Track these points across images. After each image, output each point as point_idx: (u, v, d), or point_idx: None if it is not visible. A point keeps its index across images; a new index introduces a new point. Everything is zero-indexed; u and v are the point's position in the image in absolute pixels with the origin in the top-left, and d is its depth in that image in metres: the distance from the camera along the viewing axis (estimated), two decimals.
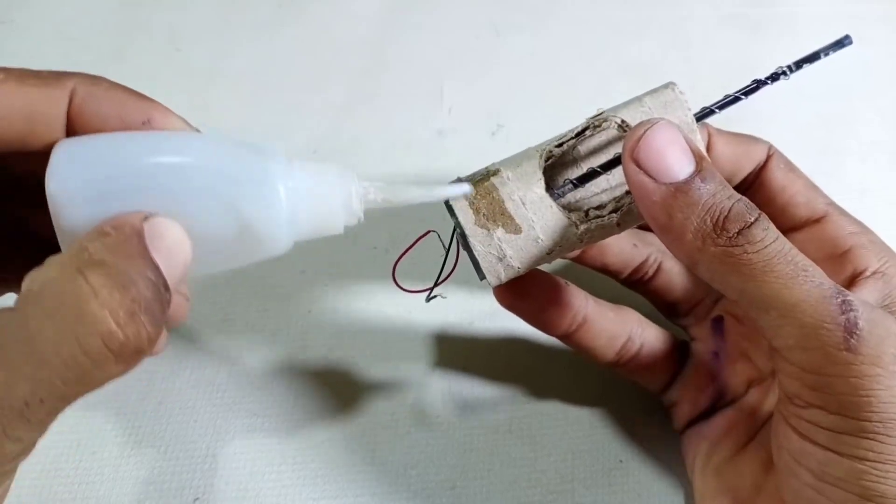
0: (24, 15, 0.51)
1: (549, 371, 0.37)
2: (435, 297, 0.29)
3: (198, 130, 0.25)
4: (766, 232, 0.24)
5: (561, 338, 0.32)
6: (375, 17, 0.51)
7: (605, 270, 0.34)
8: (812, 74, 0.48)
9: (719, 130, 0.32)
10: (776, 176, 0.31)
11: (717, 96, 0.29)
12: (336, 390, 0.37)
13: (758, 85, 0.28)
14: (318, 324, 0.39)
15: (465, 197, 0.27)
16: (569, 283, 0.32)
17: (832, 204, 0.31)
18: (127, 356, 0.20)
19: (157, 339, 0.21)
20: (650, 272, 0.34)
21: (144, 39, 0.50)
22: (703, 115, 0.28)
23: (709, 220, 0.24)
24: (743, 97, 0.28)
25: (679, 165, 0.25)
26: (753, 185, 0.32)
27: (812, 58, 0.28)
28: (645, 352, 0.33)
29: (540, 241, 0.27)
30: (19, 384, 0.19)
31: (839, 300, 0.23)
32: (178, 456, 0.35)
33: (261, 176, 0.23)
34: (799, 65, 0.28)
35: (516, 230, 0.27)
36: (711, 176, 0.25)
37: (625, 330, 0.32)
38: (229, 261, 0.25)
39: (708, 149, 0.31)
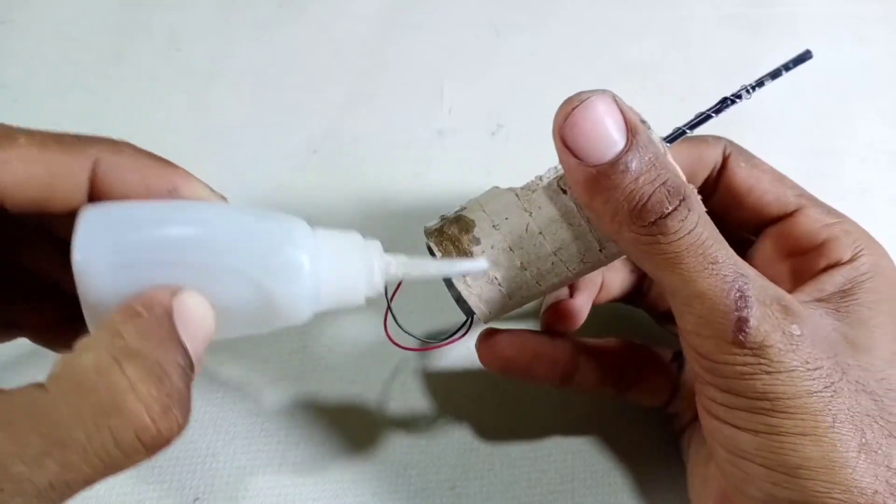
0: (24, 15, 0.51)
1: None
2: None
3: (223, 197, 0.25)
4: (683, 223, 0.24)
5: (558, 388, 0.32)
6: (375, 17, 0.51)
7: (613, 301, 0.35)
8: (812, 74, 0.48)
9: None
10: (739, 176, 0.30)
11: (718, 96, 0.29)
12: (336, 390, 0.37)
13: (725, 102, 0.28)
14: (318, 324, 0.39)
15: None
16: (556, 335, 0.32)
17: (803, 195, 0.30)
18: (157, 448, 0.20)
19: (185, 426, 0.21)
20: (645, 288, 0.35)
21: (144, 39, 0.50)
22: (674, 136, 0.28)
23: (625, 206, 0.24)
24: (714, 115, 0.28)
25: (605, 146, 0.24)
26: (718, 188, 0.31)
27: (774, 74, 0.28)
28: (643, 377, 0.33)
29: (485, 211, 0.28)
30: (47, 468, 0.19)
31: (737, 295, 0.24)
32: (178, 455, 0.35)
33: (286, 251, 0.23)
34: (761, 82, 0.28)
35: (473, 222, 0.28)
36: (640, 156, 0.24)
37: (618, 363, 0.33)
38: (249, 329, 0.25)
39: None
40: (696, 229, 0.24)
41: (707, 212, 0.25)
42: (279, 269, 0.23)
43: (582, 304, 0.32)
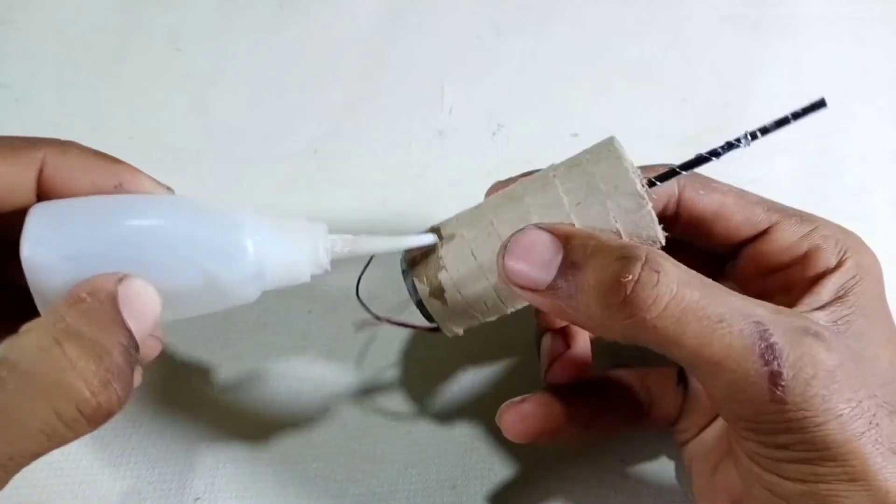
0: (24, 15, 0.51)
1: None
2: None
3: (170, 189, 0.27)
4: (657, 289, 0.22)
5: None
6: (376, 18, 0.51)
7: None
8: (812, 74, 0.48)
9: None
10: (700, 204, 0.29)
11: (717, 96, 0.29)
12: (336, 390, 0.37)
13: (729, 146, 0.27)
14: (318, 324, 0.39)
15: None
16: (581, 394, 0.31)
17: (772, 209, 0.29)
18: (99, 419, 0.22)
19: (127, 399, 0.22)
20: None
21: (144, 39, 0.50)
22: (667, 175, 0.27)
23: (592, 304, 0.23)
24: (714, 158, 0.27)
25: (539, 270, 0.24)
26: (679, 219, 0.30)
27: (782, 122, 0.27)
28: (655, 404, 0.33)
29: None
30: None
31: (762, 346, 0.22)
32: (178, 455, 0.35)
33: (228, 235, 0.25)
34: (765, 130, 0.27)
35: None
36: (579, 254, 0.24)
37: (630, 399, 0.32)
38: (198, 310, 0.26)
39: None
40: (680, 291, 0.22)
41: (685, 255, 0.24)
42: (222, 252, 0.24)
43: (581, 352, 0.31)
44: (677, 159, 0.31)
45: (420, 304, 0.29)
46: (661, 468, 0.35)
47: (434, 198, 0.43)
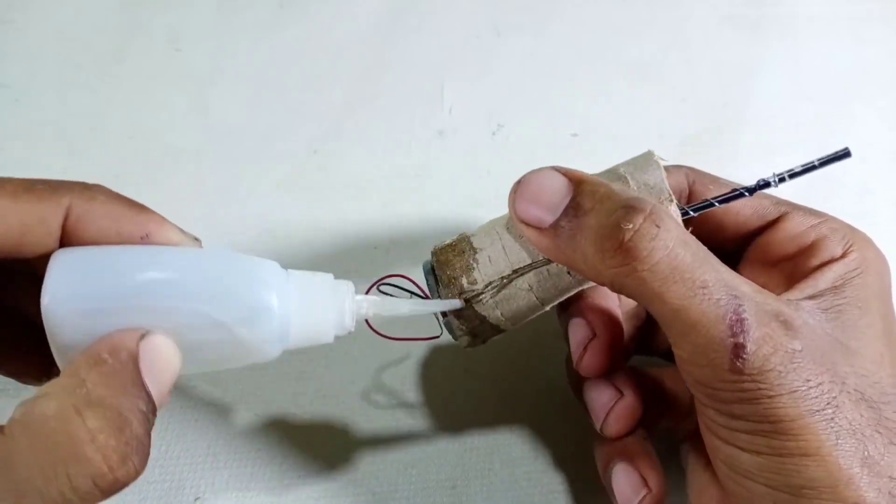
0: (24, 15, 0.51)
1: (550, 372, 0.37)
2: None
3: (197, 240, 0.26)
4: (654, 242, 0.23)
5: None
6: (376, 18, 0.51)
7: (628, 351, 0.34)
8: (812, 74, 0.48)
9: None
10: (709, 196, 0.30)
11: (717, 96, 0.29)
12: (336, 390, 0.37)
13: (757, 185, 0.28)
14: None
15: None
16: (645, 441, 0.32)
17: (780, 202, 0.30)
18: (114, 491, 0.21)
19: (143, 470, 0.21)
20: (648, 336, 0.34)
21: (144, 39, 0.50)
22: (702, 207, 0.28)
23: (589, 246, 0.24)
24: (747, 194, 0.28)
25: (546, 209, 0.26)
26: (693, 217, 0.30)
27: (809, 168, 0.28)
28: (670, 403, 0.33)
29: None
30: None
31: (733, 319, 0.23)
32: (178, 455, 0.35)
33: (254, 295, 0.24)
34: (794, 174, 0.28)
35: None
36: (587, 198, 0.25)
37: (655, 399, 0.33)
38: (217, 365, 0.25)
39: None
40: (675, 250, 0.23)
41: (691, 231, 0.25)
42: (247, 312, 0.24)
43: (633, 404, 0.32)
44: (677, 159, 0.31)
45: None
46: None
47: (434, 198, 0.43)
